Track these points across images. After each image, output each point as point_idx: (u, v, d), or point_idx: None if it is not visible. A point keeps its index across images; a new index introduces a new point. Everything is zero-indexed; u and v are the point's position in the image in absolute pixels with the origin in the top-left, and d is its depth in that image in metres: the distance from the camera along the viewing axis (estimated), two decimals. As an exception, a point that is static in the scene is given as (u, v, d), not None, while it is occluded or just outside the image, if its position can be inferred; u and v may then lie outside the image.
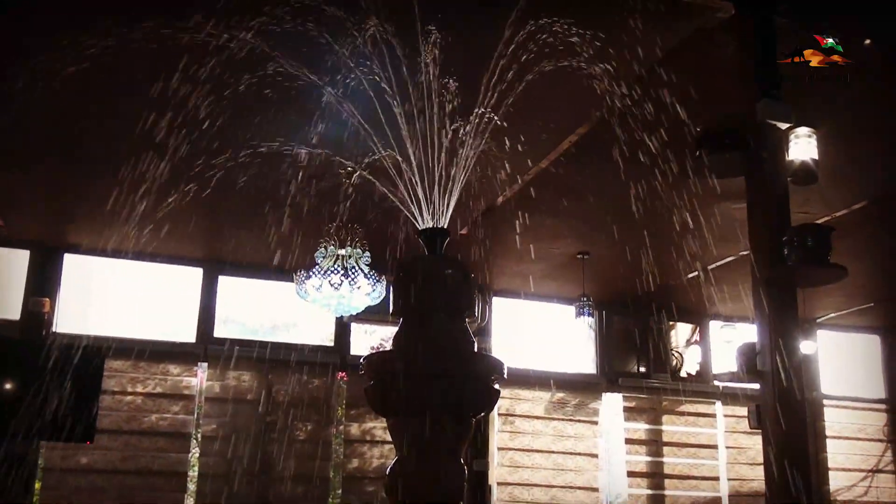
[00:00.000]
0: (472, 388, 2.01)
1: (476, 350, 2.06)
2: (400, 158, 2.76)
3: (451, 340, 2.03)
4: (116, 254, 7.69)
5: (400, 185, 2.35)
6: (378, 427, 8.08)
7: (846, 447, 9.62)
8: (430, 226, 2.13)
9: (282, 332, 9.27)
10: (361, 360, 2.03)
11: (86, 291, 7.83)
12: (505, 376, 2.04)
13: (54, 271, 7.61)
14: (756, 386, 4.72)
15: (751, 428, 4.42)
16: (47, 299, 7.47)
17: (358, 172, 6.11)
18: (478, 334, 6.94)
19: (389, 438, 7.69)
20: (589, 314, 7.94)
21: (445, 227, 2.14)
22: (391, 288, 2.11)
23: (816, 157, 4.48)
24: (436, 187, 2.11)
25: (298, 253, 6.21)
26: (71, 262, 7.71)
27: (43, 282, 7.55)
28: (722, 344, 6.49)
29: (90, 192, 6.62)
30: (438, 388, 1.95)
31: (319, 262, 6.09)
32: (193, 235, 7.32)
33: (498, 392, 2.04)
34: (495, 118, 2.80)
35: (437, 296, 2.06)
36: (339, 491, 7.98)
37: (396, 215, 5.65)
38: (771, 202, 4.11)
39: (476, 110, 2.70)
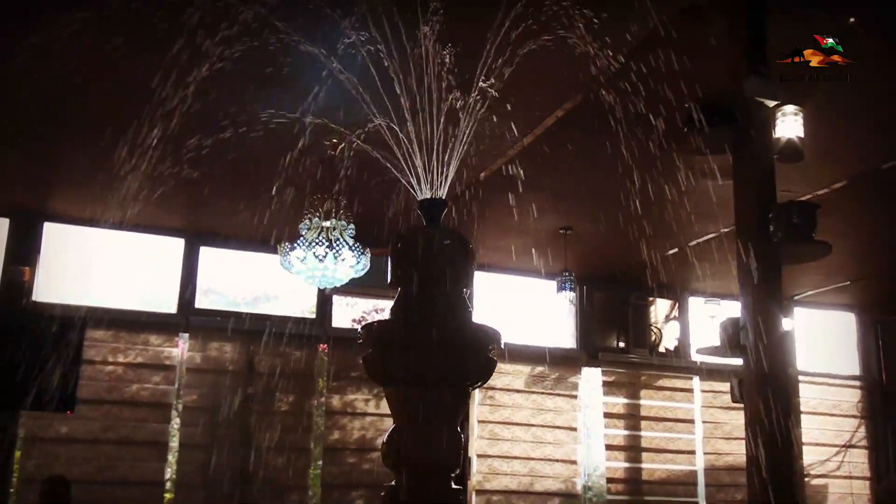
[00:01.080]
0: (471, 358, 2.02)
1: (474, 321, 2.07)
2: (390, 131, 2.76)
3: (451, 311, 2.04)
4: (97, 223, 7.63)
5: (393, 157, 2.35)
6: (359, 399, 8.12)
7: (820, 423, 9.78)
8: (429, 196, 2.14)
9: (263, 303, 9.28)
10: (359, 329, 2.04)
11: (66, 260, 7.77)
12: (502, 347, 2.06)
13: (34, 240, 7.54)
14: (734, 362, 4.80)
15: (733, 402, 4.49)
16: (27, 268, 7.41)
17: (343, 144, 6.12)
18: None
19: (370, 410, 7.83)
20: (570, 289, 7.99)
21: (444, 197, 2.14)
22: (389, 258, 2.12)
23: (802, 134, 4.52)
24: (434, 158, 2.11)
25: (281, 225, 6.19)
26: (51, 230, 7.64)
27: (22, 250, 7.48)
28: (705, 319, 6.56)
29: (71, 160, 6.57)
30: (437, 358, 1.96)
31: (304, 233, 6.06)
32: (175, 206, 7.27)
33: (495, 362, 2.06)
34: (492, 92, 2.80)
35: (436, 266, 2.07)
36: (320, 462, 8.02)
37: (383, 188, 5.69)
38: (757, 179, 4.15)
39: (476, 81, 2.70)
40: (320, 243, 5.98)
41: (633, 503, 8.84)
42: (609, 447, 8.94)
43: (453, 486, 2.02)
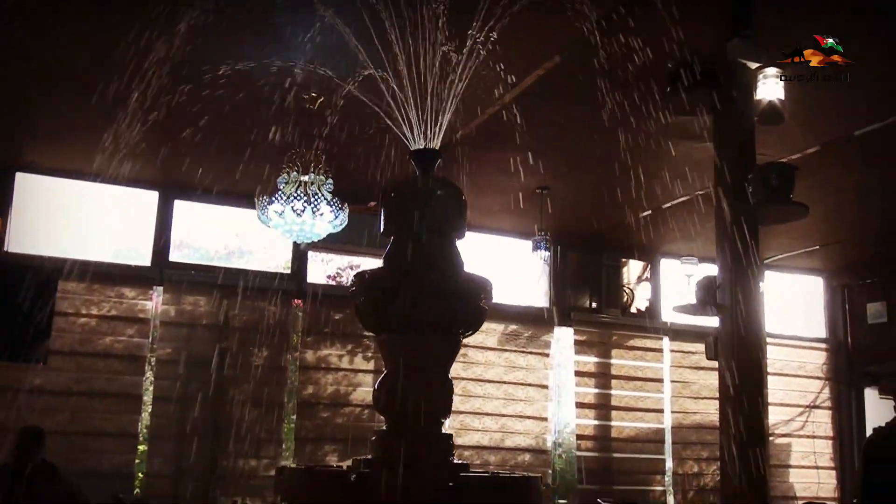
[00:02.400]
0: (463, 306, 2.05)
1: (466, 270, 2.09)
2: (375, 84, 2.75)
3: (443, 259, 2.06)
4: (70, 174, 7.57)
5: (380, 108, 2.34)
6: (333, 355, 8.15)
7: (785, 384, 9.98)
8: (422, 146, 2.14)
9: (238, 258, 9.25)
10: (352, 277, 2.05)
11: (39, 212, 7.68)
12: (492, 297, 2.08)
13: (6, 190, 7.43)
14: (705, 323, 4.90)
15: (708, 359, 4.56)
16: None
17: (322, 99, 6.08)
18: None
19: (344, 366, 7.87)
20: (545, 249, 8.02)
21: (437, 147, 2.15)
22: (382, 207, 2.13)
23: (783, 97, 4.56)
24: (427, 107, 2.12)
25: (258, 179, 6.16)
26: (23, 181, 7.53)
27: (-6, 201, 7.39)
28: (679, 279, 6.64)
29: (44, 110, 6.46)
30: (430, 306, 1.98)
31: (282, 187, 6.04)
32: (149, 158, 7.17)
33: (486, 311, 2.08)
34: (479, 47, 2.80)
35: (428, 215, 2.08)
36: (294, 416, 8.06)
37: (362, 144, 5.67)
38: (738, 140, 4.19)
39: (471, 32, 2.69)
40: (298, 198, 5.96)
41: (602, 460, 8.99)
42: (579, 405, 9.06)
43: (443, 431, 2.05)
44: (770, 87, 4.52)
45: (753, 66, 4.22)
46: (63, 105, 6.28)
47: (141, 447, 7.85)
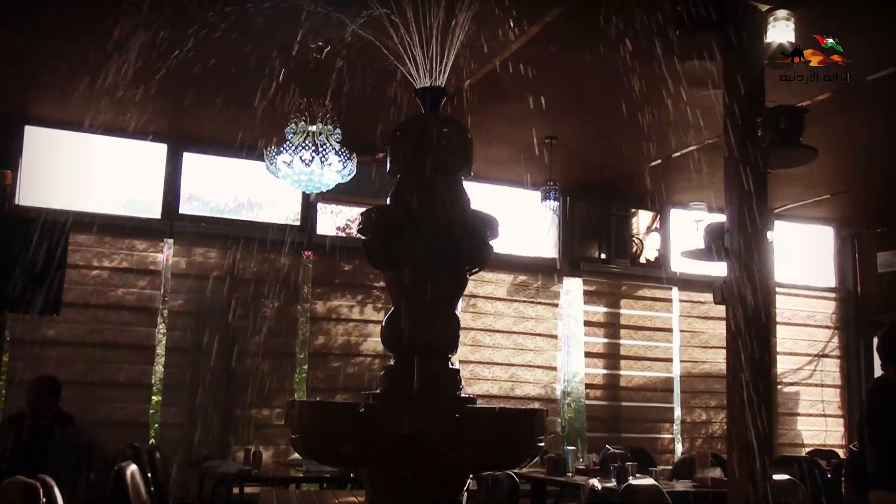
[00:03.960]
0: (469, 242, 2.06)
1: (473, 207, 2.10)
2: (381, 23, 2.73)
3: (449, 196, 2.06)
4: (79, 127, 7.55)
5: (388, 49, 2.33)
6: (343, 305, 8.21)
7: (794, 333, 10.02)
8: (428, 84, 2.14)
9: (247, 210, 9.27)
10: (359, 214, 2.06)
11: (48, 164, 7.70)
12: (498, 234, 2.09)
13: (15, 143, 7.45)
14: (713, 273, 4.90)
15: (715, 304, 4.58)
16: (9, 171, 7.34)
17: (329, 48, 6.04)
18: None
19: (354, 316, 7.91)
20: (554, 199, 8.01)
21: (443, 86, 2.15)
22: (389, 146, 2.13)
23: (794, 39, 4.51)
24: (429, 49, 2.11)
25: (266, 130, 6.15)
26: (33, 133, 7.54)
27: (3, 153, 7.39)
28: (688, 227, 6.61)
29: (51, 61, 6.44)
30: (436, 242, 1.99)
31: (289, 138, 6.03)
32: (157, 110, 7.17)
33: (492, 248, 2.10)
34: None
35: (435, 153, 2.08)
36: (306, 366, 8.15)
37: (370, 93, 5.65)
38: (748, 83, 4.15)
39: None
40: (306, 147, 5.96)
41: (611, 408, 9.07)
42: (588, 354, 9.12)
43: (451, 366, 2.08)
44: (781, 30, 4.47)
45: (764, 7, 4.17)
46: (70, 57, 6.26)
47: (155, 397, 7.97)
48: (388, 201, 2.11)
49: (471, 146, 2.14)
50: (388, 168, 2.14)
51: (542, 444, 2.00)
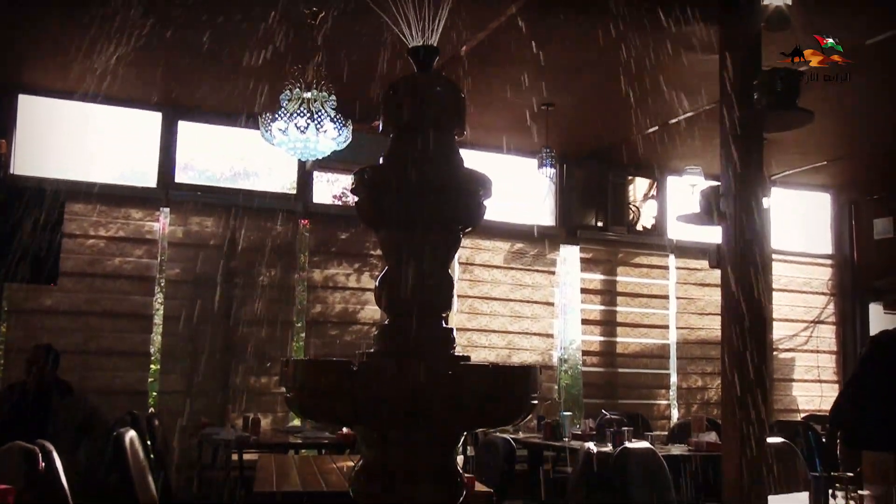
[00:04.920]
0: (462, 200, 2.05)
1: (465, 166, 2.10)
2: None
3: (443, 154, 2.06)
4: (73, 95, 7.51)
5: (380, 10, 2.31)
6: (340, 274, 8.22)
7: (791, 300, 10.06)
8: (420, 43, 2.12)
9: (243, 179, 9.26)
10: (353, 175, 2.06)
11: (43, 134, 7.67)
12: (491, 193, 2.09)
13: (9, 112, 7.41)
14: (709, 240, 4.91)
15: (710, 267, 4.59)
16: (3, 140, 7.31)
17: (323, 13, 6.00)
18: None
19: (351, 284, 7.92)
20: (550, 166, 8.00)
21: (435, 45, 2.13)
22: (381, 106, 2.12)
23: (791, 1, 4.48)
24: (422, 9, 2.09)
25: (260, 98, 6.13)
26: (26, 102, 7.50)
27: (-3, 122, 7.37)
28: (685, 193, 6.59)
29: (46, 29, 6.40)
30: (429, 200, 1.99)
31: (284, 105, 6.00)
32: (151, 78, 7.14)
33: (485, 207, 2.09)
34: None
35: (428, 111, 2.07)
36: (303, 334, 8.17)
37: (364, 59, 5.62)
38: (744, 46, 4.13)
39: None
40: (301, 114, 5.93)
41: (607, 375, 9.12)
42: (585, 322, 9.15)
43: (444, 325, 2.09)
44: (777, -8, 4.45)
45: (761, -31, 4.15)
46: (64, 25, 6.21)
47: (153, 366, 8.00)
48: (380, 161, 2.10)
49: (463, 105, 2.13)
50: (380, 128, 2.13)
51: (536, 402, 2.01)
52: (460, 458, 1.96)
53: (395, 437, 1.96)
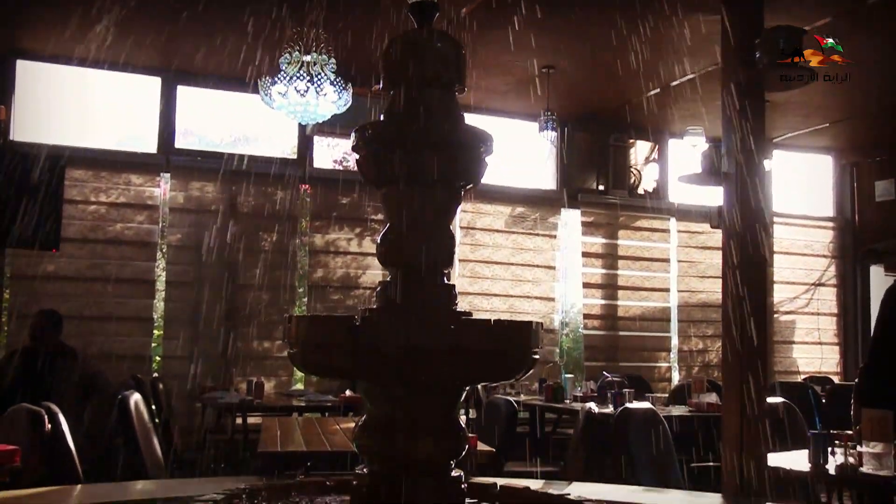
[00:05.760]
0: (463, 157, 2.05)
1: (467, 122, 2.09)
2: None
3: (443, 110, 2.05)
4: (72, 61, 7.47)
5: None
6: (341, 238, 8.23)
7: (792, 262, 10.07)
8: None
9: (243, 145, 9.23)
10: (354, 132, 2.05)
11: (42, 100, 7.66)
12: (493, 150, 2.09)
13: (7, 78, 7.38)
14: (710, 203, 4.87)
15: (711, 227, 4.59)
16: (2, 107, 7.28)
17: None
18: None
19: (353, 249, 7.92)
20: (552, 129, 7.98)
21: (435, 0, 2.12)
22: (381, 63, 2.11)
23: (793, -41, 4.44)
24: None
25: (260, 62, 6.10)
26: (24, 68, 7.47)
27: (-4, 88, 7.34)
28: (686, 154, 6.57)
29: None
30: (430, 157, 1.99)
31: (284, 68, 5.98)
32: (150, 42, 7.10)
33: (487, 164, 2.09)
34: None
35: (427, 68, 2.06)
36: (305, 299, 8.20)
37: (364, 21, 5.57)
38: (746, 4, 4.10)
39: None
40: (301, 78, 5.92)
41: (608, 338, 9.16)
42: (586, 285, 9.18)
43: (445, 281, 2.09)
44: (780, -50, 4.40)
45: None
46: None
47: (157, 331, 8.04)
48: (381, 117, 2.10)
49: (464, 61, 2.12)
50: (381, 84, 2.12)
51: (538, 357, 2.02)
52: (462, 419, 1.98)
53: (398, 391, 1.97)
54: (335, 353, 1.90)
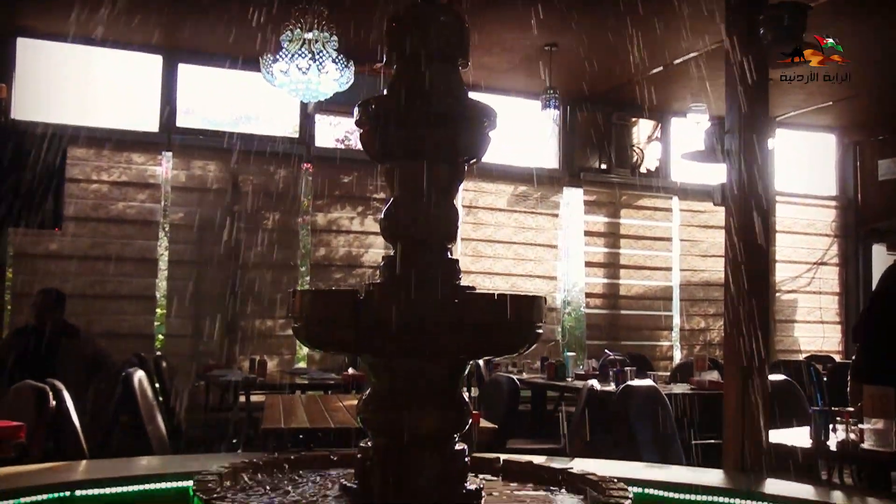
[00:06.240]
0: (466, 131, 2.05)
1: (470, 97, 2.09)
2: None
3: (446, 85, 2.05)
4: (73, 39, 7.44)
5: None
6: (343, 217, 8.22)
7: (794, 241, 10.06)
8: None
9: (245, 123, 9.20)
10: (357, 107, 2.05)
11: (43, 78, 7.62)
12: (496, 125, 2.09)
13: (7, 56, 7.35)
14: (713, 182, 4.89)
15: (714, 205, 4.59)
16: (3, 85, 7.25)
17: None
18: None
19: (355, 228, 7.92)
20: (555, 107, 7.95)
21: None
22: (384, 37, 2.10)
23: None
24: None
25: (261, 40, 6.07)
26: (25, 46, 7.44)
27: (-4, 67, 7.31)
28: (689, 132, 6.55)
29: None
30: (434, 131, 1.99)
31: (285, 45, 5.96)
32: (151, 20, 7.06)
33: (490, 139, 2.09)
34: None
35: (431, 42, 2.06)
36: (308, 277, 8.21)
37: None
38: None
39: None
40: (303, 55, 5.89)
41: (610, 317, 9.17)
42: (588, 264, 9.17)
43: (449, 256, 2.10)
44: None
45: None
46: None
47: (159, 309, 8.05)
48: (384, 92, 2.10)
49: (468, 35, 2.11)
50: (384, 59, 2.12)
51: (541, 331, 2.03)
52: (464, 383, 1.99)
53: (402, 364, 1.98)
54: (339, 327, 1.91)
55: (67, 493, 2.48)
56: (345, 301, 1.92)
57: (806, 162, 10.50)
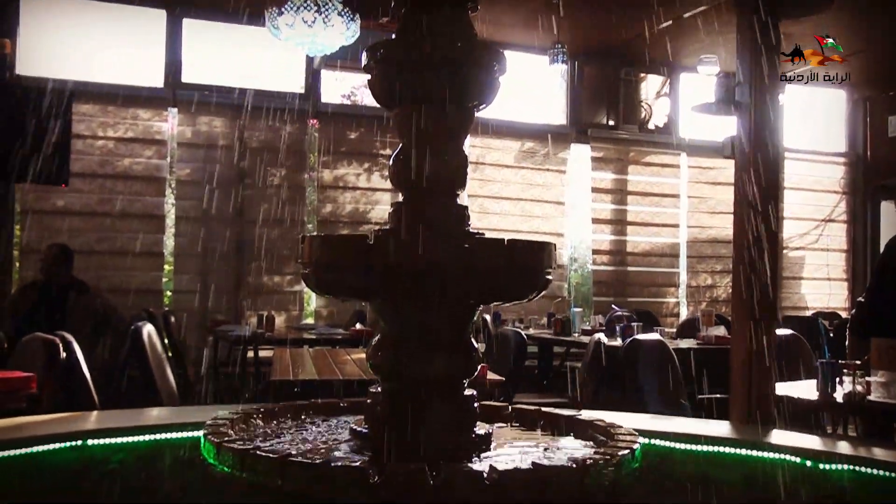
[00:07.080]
0: (476, 75, 2.03)
1: (478, 39, 2.06)
2: None
3: (456, 28, 2.02)
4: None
5: None
6: (350, 174, 8.21)
7: (802, 198, 10.02)
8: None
9: (251, 79, 9.12)
10: (364, 51, 2.03)
11: (46, 34, 7.56)
12: (506, 69, 2.06)
13: (12, 11, 7.29)
14: (721, 138, 4.81)
15: (723, 157, 4.55)
16: (7, 41, 7.21)
17: None
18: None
19: (362, 185, 7.90)
20: (562, 62, 7.88)
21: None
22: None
23: None
24: None
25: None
26: (29, 2, 7.38)
27: (0, 22, 7.25)
28: (701, 91, 6.48)
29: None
30: (442, 75, 1.97)
31: (291, -2, 5.89)
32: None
33: (499, 83, 2.07)
34: None
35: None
36: (315, 234, 8.20)
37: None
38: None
39: None
40: (308, 8, 5.83)
41: (617, 273, 9.17)
42: (596, 221, 9.16)
43: (458, 202, 2.09)
44: None
45: None
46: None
47: (167, 266, 8.07)
48: (393, 36, 2.07)
49: (475, -15, 2.08)
50: (392, 5, 2.09)
51: (551, 277, 2.02)
52: (472, 328, 2.00)
53: (411, 309, 1.98)
54: (349, 273, 1.91)
55: (80, 442, 2.50)
56: (355, 246, 1.92)
57: (815, 118, 10.41)
